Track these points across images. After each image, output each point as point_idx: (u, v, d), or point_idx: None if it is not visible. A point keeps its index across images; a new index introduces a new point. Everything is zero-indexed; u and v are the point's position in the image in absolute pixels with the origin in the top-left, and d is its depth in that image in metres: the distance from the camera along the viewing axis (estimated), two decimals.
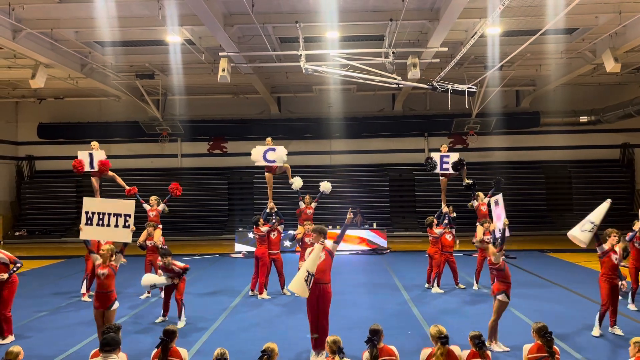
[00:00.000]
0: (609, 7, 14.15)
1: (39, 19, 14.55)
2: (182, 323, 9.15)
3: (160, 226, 11.89)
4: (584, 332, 8.38)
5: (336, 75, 14.14)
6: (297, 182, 12.49)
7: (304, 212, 12.63)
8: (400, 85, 13.60)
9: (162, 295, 9.82)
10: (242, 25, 14.83)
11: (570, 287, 11.87)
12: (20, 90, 23.37)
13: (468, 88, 12.66)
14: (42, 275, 15.07)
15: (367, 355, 5.38)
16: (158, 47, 17.39)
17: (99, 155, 11.45)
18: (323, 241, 7.51)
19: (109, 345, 4.93)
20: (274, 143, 12.14)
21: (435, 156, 12.33)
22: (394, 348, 5.45)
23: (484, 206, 12.57)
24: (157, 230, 11.55)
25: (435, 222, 11.96)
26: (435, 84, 12.87)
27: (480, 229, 11.71)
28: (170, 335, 5.49)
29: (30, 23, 14.52)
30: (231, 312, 10.14)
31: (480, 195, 12.74)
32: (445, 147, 12.71)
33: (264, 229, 11.58)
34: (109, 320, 7.27)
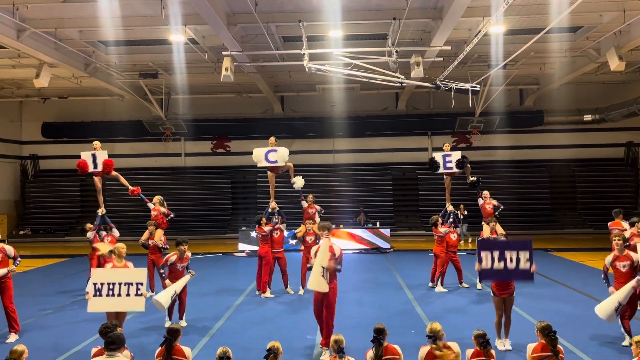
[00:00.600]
0: (613, 5, 14.10)
1: (42, 18, 14.59)
2: (184, 323, 9.13)
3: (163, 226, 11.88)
4: (588, 331, 8.35)
5: (339, 74, 14.13)
6: (298, 182, 12.49)
7: (306, 211, 12.64)
8: (403, 84, 13.58)
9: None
10: (245, 24, 14.84)
11: (574, 286, 11.84)
12: (24, 89, 23.45)
13: (471, 87, 12.65)
14: (47, 273, 15.12)
15: (371, 354, 5.38)
16: (161, 46, 17.41)
17: (102, 155, 11.43)
18: (328, 234, 7.70)
19: (114, 344, 4.93)
20: (277, 143, 12.14)
21: (438, 156, 12.30)
22: (397, 347, 5.45)
23: (489, 205, 12.54)
24: (159, 230, 11.57)
25: (440, 221, 11.95)
26: (438, 82, 12.86)
27: (487, 227, 11.68)
28: (174, 333, 5.49)
29: (34, 22, 14.56)
30: (235, 310, 10.15)
31: (485, 193, 12.71)
32: (447, 145, 12.67)
33: (266, 228, 11.60)
34: (122, 317, 7.35)
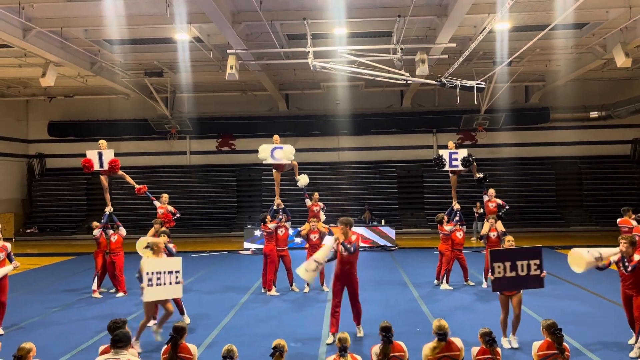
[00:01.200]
0: (619, 2, 14.02)
1: (48, 17, 14.65)
2: (187, 319, 9.12)
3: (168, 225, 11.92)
4: (594, 329, 8.33)
5: (344, 71, 14.14)
6: (303, 180, 12.50)
7: (311, 209, 12.65)
8: (408, 82, 13.58)
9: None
10: (250, 22, 14.84)
11: (580, 283, 11.78)
12: (30, 88, 23.57)
13: (477, 84, 12.63)
14: (53, 272, 15.22)
15: (377, 349, 5.39)
16: (166, 45, 17.45)
17: (108, 154, 11.47)
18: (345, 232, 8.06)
19: (121, 342, 4.96)
20: (281, 141, 12.16)
21: (444, 153, 12.26)
22: (403, 344, 5.47)
23: (492, 203, 12.51)
24: (164, 228, 11.59)
25: (446, 218, 11.93)
26: (443, 80, 12.85)
27: (487, 224, 11.64)
28: (180, 331, 5.53)
29: (40, 22, 14.63)
30: (240, 308, 10.18)
31: (491, 191, 12.67)
32: (452, 143, 12.63)
33: (271, 226, 11.62)
34: (165, 303, 7.68)
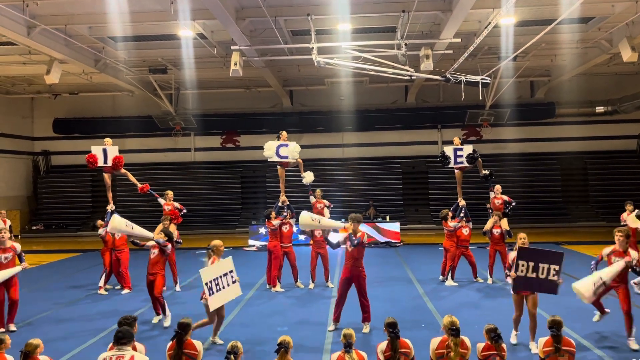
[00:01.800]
0: None
1: (52, 15, 14.69)
2: (168, 321, 8.87)
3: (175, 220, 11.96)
4: (601, 325, 8.29)
5: (348, 67, 14.08)
6: (308, 177, 12.47)
7: (315, 206, 12.63)
8: (413, 77, 13.50)
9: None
10: (253, 18, 14.82)
11: None
12: (35, 86, 23.64)
13: (482, 79, 12.54)
14: (59, 268, 15.28)
15: (382, 347, 5.38)
16: (170, 41, 17.46)
17: (113, 151, 11.48)
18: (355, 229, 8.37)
19: (124, 338, 4.97)
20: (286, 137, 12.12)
21: (449, 150, 12.16)
22: (408, 341, 5.46)
23: (498, 200, 12.46)
24: (172, 225, 11.64)
25: (451, 214, 11.89)
26: (448, 75, 12.76)
27: (491, 220, 11.61)
28: (185, 328, 5.53)
29: (44, 19, 14.65)
30: (245, 304, 10.19)
31: (497, 188, 12.62)
32: (457, 140, 12.56)
33: (275, 222, 11.62)
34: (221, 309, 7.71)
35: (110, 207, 11.58)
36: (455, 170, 12.42)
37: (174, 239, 11.41)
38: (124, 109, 25.57)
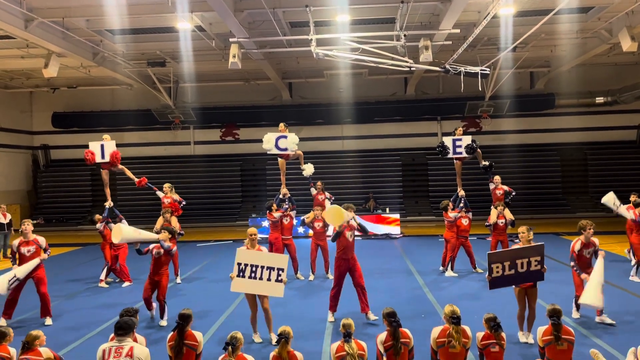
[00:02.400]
0: None
1: (50, 7, 14.60)
2: (164, 322, 8.64)
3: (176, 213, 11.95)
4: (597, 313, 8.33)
5: (347, 59, 14.04)
6: (308, 169, 12.48)
7: (316, 198, 12.65)
8: (412, 69, 13.47)
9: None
10: (252, 10, 14.74)
11: None
12: (34, 79, 23.56)
13: (481, 70, 12.51)
14: (60, 262, 15.30)
15: (382, 338, 5.40)
16: (168, 34, 17.37)
17: (110, 146, 11.40)
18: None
19: (122, 329, 4.99)
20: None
21: (448, 141, 12.14)
22: (408, 331, 5.48)
23: (500, 190, 12.47)
24: (173, 217, 11.65)
25: (451, 205, 11.90)
26: (447, 66, 12.73)
27: (494, 211, 11.65)
28: (186, 319, 5.56)
29: (42, 12, 14.58)
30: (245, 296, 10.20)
31: (497, 178, 12.62)
32: (460, 130, 12.52)
33: (276, 215, 11.63)
34: (263, 299, 7.53)
35: (108, 203, 11.57)
36: (455, 161, 12.42)
37: (177, 232, 11.44)
38: (123, 102, 25.50)
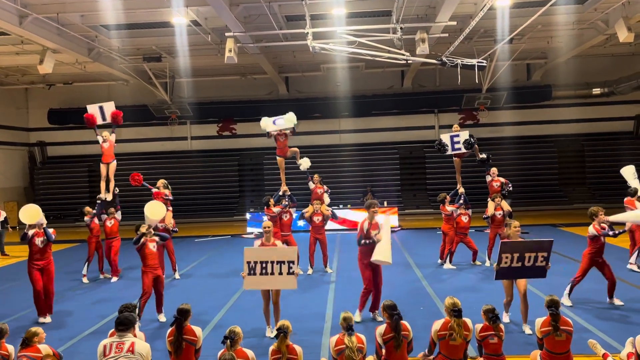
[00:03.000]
0: None
1: (44, 3, 14.51)
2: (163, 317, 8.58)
3: (171, 209, 11.90)
4: (598, 304, 8.37)
5: (344, 52, 14.00)
6: (304, 163, 12.47)
7: (314, 191, 12.64)
8: (409, 62, 13.45)
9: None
10: (247, 4, 14.68)
11: None
12: (29, 76, 23.47)
13: (478, 62, 12.49)
14: (57, 258, 15.19)
15: (381, 330, 5.41)
16: (164, 29, 17.30)
17: (109, 107, 11.48)
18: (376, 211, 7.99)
19: (123, 325, 4.99)
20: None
21: (445, 137, 12.12)
22: (407, 324, 5.49)
23: (497, 182, 12.47)
24: (168, 212, 11.62)
25: (448, 199, 11.90)
26: (444, 59, 12.71)
27: (492, 204, 11.65)
28: (184, 314, 5.56)
29: (36, 8, 14.49)
30: (244, 291, 10.21)
31: (493, 170, 12.62)
32: (457, 126, 12.49)
33: (275, 210, 11.62)
34: (276, 294, 7.55)
35: (103, 195, 11.52)
36: (454, 158, 12.40)
37: (171, 228, 11.38)
38: (119, 98, 25.19)
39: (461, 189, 12.08)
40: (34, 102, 26.84)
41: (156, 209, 9.10)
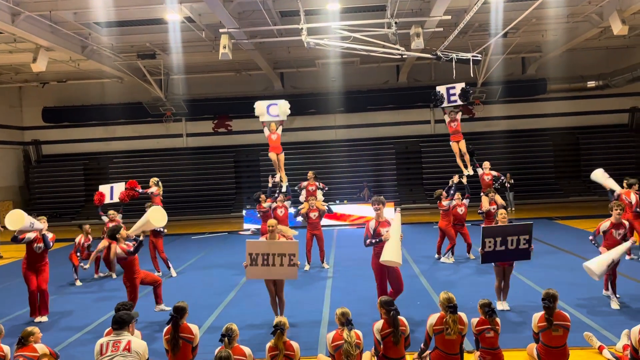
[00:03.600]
0: None
1: (36, 1, 14.43)
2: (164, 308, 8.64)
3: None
4: (594, 298, 8.40)
5: (339, 48, 13.98)
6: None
7: (307, 188, 12.58)
8: (404, 56, 13.45)
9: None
10: (241, 0, 14.61)
11: (579, 253, 11.84)
12: (22, 74, 23.33)
13: (473, 56, 12.50)
14: (53, 258, 15.18)
15: (378, 325, 5.42)
16: (158, 26, 17.21)
17: (119, 187, 11.67)
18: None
19: (119, 323, 4.99)
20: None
21: (441, 89, 12.19)
22: (404, 319, 5.50)
23: (488, 176, 12.50)
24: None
25: (444, 194, 11.92)
26: (439, 53, 12.71)
27: (485, 199, 11.65)
28: (180, 312, 5.55)
29: (29, 6, 14.40)
30: (241, 288, 10.23)
31: (485, 164, 12.65)
32: (453, 114, 12.53)
33: (266, 205, 11.57)
34: (280, 285, 7.66)
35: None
36: (451, 142, 12.46)
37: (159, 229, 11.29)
38: (114, 95, 25.26)
39: (455, 179, 12.10)
40: (28, 100, 26.70)
41: (159, 216, 9.03)
